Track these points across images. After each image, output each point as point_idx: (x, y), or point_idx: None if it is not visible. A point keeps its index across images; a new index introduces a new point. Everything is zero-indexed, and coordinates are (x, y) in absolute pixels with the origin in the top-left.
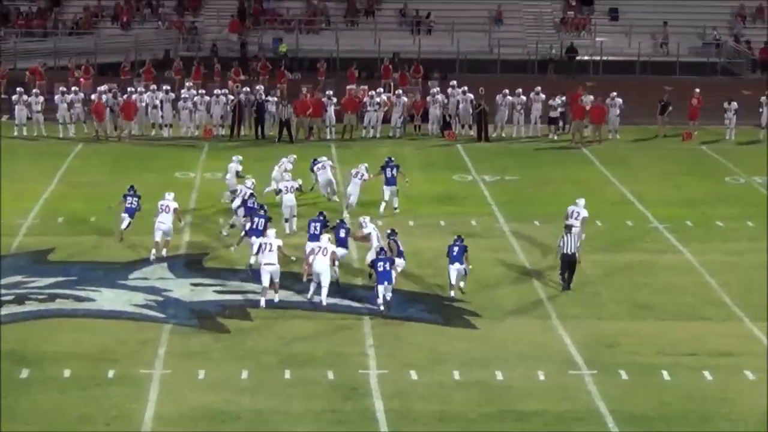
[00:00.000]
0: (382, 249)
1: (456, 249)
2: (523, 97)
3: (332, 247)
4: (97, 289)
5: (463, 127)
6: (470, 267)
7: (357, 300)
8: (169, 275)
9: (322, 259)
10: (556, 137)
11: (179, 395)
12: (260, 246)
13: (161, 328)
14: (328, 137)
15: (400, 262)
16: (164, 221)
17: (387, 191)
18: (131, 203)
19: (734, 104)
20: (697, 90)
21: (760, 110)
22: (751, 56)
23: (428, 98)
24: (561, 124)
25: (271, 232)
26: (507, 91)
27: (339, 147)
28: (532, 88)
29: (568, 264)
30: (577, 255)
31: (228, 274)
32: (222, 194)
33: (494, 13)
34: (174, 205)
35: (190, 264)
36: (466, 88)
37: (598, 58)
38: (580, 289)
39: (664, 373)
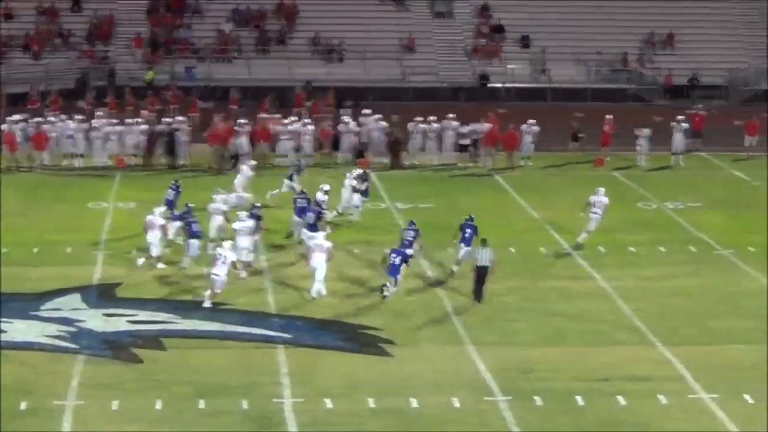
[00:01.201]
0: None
1: (468, 231)
2: (436, 125)
3: (328, 244)
4: (9, 321)
5: (376, 155)
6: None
7: (271, 329)
8: (82, 306)
9: (319, 256)
10: (471, 164)
11: (93, 427)
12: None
13: (74, 359)
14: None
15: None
16: (152, 237)
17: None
18: (169, 195)
19: (646, 131)
20: (609, 116)
21: (671, 135)
22: (661, 82)
23: (340, 126)
24: (473, 150)
25: (227, 244)
26: (420, 118)
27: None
28: (445, 115)
29: (481, 276)
30: (490, 267)
31: (141, 304)
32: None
33: (406, 41)
34: (160, 221)
35: (103, 294)
36: (380, 116)
37: (510, 85)
38: (495, 316)
39: (579, 398)
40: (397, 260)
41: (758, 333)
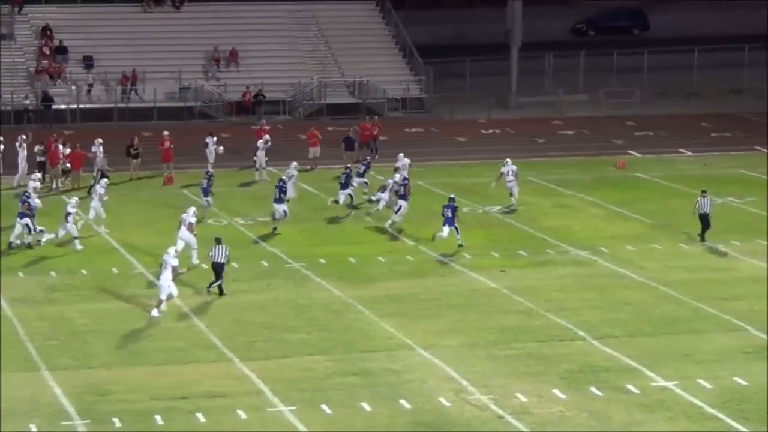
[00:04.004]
0: (451, 198)
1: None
2: (2, 147)
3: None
4: None
5: None
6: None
7: None
8: None
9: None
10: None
11: None
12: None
13: None
14: None
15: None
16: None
17: None
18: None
19: (214, 138)
20: (166, 132)
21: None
22: (228, 99)
23: None
24: (41, 173)
25: (172, 249)
26: None
27: None
28: (16, 138)
29: (218, 272)
30: (225, 265)
31: None
32: None
33: None
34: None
35: None
36: None
37: (74, 106)
38: (70, 339)
39: (158, 417)
40: (449, 212)
41: (330, 343)
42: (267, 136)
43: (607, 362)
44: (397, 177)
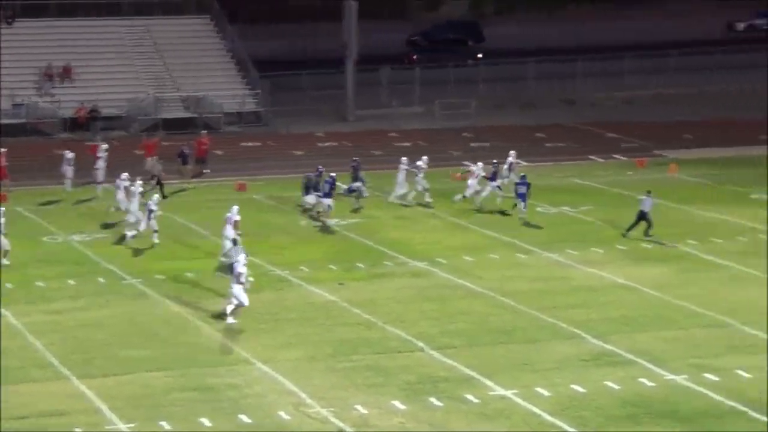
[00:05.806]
0: (523, 176)
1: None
2: None
3: None
4: None
5: None
6: None
7: None
8: None
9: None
10: None
11: None
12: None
13: None
14: None
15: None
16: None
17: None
18: None
19: (72, 154)
20: (4, 150)
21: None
22: (62, 116)
23: None
24: None
25: (242, 257)
26: None
27: None
28: None
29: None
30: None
31: None
32: None
33: None
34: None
35: None
36: None
37: None
38: None
39: None
40: (524, 188)
41: (169, 359)
42: (103, 149)
43: (446, 372)
44: (513, 177)
